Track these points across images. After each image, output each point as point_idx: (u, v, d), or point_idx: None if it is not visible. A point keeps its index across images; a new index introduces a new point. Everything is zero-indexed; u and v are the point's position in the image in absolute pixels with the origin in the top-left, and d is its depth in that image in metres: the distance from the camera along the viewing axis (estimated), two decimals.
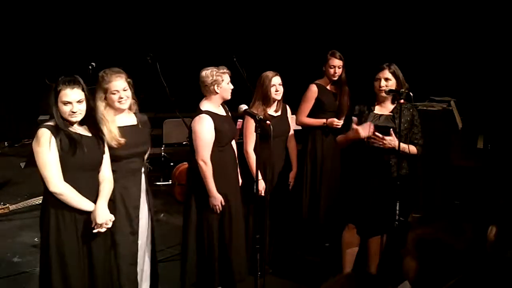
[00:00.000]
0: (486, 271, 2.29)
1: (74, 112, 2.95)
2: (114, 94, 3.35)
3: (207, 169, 3.73)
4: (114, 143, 3.27)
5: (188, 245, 3.90)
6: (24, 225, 5.37)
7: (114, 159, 3.30)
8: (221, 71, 3.80)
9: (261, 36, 8.48)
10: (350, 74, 4.74)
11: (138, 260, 3.50)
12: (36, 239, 4.89)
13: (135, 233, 3.45)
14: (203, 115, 3.75)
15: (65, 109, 2.95)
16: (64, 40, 8.67)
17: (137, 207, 3.46)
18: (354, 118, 3.80)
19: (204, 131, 3.72)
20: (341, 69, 4.59)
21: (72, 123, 3.01)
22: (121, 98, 3.36)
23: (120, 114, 3.41)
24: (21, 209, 5.49)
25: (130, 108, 3.47)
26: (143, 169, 3.53)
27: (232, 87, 3.84)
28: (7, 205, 5.45)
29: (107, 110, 3.36)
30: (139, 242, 3.49)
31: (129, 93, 3.40)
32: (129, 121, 3.45)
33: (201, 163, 3.73)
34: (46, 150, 2.91)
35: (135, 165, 3.45)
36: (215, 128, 3.74)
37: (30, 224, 5.30)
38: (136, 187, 3.46)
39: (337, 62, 4.55)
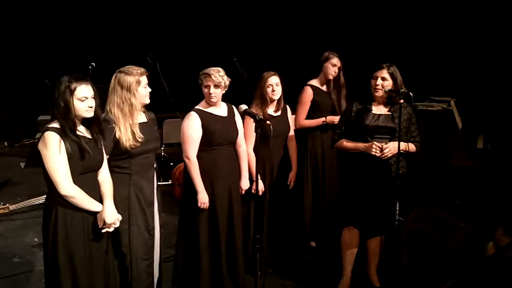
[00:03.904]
0: (485, 271, 2.29)
1: (91, 107, 2.97)
2: (145, 87, 3.37)
3: (192, 166, 3.70)
4: (129, 143, 3.26)
5: (178, 244, 3.91)
6: (24, 225, 5.36)
7: (129, 156, 3.31)
8: (206, 73, 3.68)
9: (260, 36, 8.47)
10: (349, 74, 4.73)
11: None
12: (36, 239, 4.89)
13: (150, 229, 3.46)
14: (191, 113, 3.74)
15: (82, 105, 2.95)
16: (64, 40, 8.67)
17: (151, 204, 3.47)
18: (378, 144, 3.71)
19: (189, 127, 3.70)
20: (340, 70, 4.60)
21: (82, 119, 3.00)
22: (149, 92, 3.39)
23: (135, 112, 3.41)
24: (21, 209, 5.48)
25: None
26: (154, 165, 3.54)
27: (211, 92, 3.66)
28: (7, 205, 5.44)
29: (134, 108, 3.32)
30: (154, 238, 3.50)
31: None
32: (141, 119, 3.45)
33: (185, 159, 3.73)
34: (56, 154, 2.90)
35: (148, 161, 3.46)
36: (203, 127, 3.70)
37: (30, 224, 5.30)
38: (150, 183, 3.47)
39: (337, 61, 4.56)
